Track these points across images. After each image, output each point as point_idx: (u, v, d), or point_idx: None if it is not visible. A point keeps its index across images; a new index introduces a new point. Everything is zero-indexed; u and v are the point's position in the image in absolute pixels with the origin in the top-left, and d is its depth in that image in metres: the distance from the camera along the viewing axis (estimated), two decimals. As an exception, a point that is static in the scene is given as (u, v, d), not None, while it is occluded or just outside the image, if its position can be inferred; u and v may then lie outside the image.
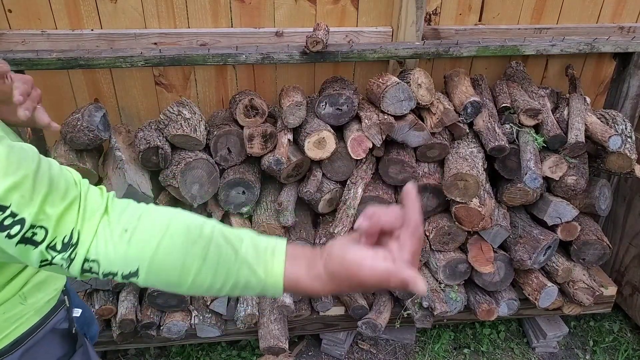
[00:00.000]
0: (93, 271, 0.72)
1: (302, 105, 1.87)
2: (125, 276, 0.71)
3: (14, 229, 0.66)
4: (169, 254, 0.71)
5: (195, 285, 0.72)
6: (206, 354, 2.38)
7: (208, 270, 0.72)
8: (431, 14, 2.14)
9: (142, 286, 0.76)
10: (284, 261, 0.74)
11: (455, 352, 2.45)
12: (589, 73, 2.39)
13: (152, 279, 0.72)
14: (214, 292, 0.75)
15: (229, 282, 0.73)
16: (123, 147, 1.90)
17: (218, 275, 0.73)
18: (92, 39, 1.96)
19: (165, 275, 0.72)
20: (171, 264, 0.71)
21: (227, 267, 0.73)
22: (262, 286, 0.74)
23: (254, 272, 0.73)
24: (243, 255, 0.73)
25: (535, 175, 1.85)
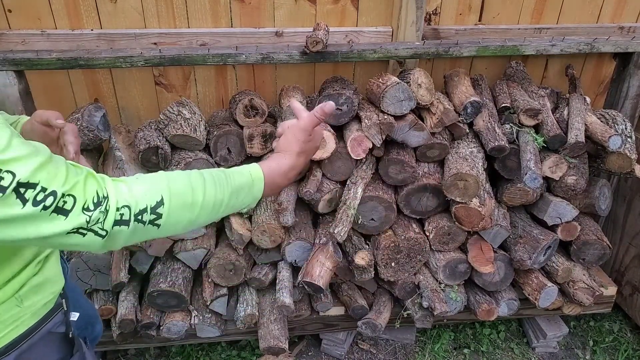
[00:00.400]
0: (124, 219, 0.81)
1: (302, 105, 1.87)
2: (153, 208, 0.84)
3: (48, 200, 0.73)
4: (178, 179, 0.90)
5: (207, 200, 0.90)
6: (206, 354, 2.38)
7: (210, 184, 0.92)
8: (431, 14, 2.14)
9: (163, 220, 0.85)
10: (258, 163, 1.05)
11: (455, 352, 2.45)
12: (589, 73, 2.39)
13: (174, 204, 0.86)
14: (220, 206, 0.94)
15: (228, 190, 0.95)
16: (123, 147, 1.90)
17: (218, 186, 0.93)
18: (92, 39, 1.96)
19: (182, 197, 0.88)
20: (183, 185, 0.89)
21: (221, 179, 0.95)
22: (250, 183, 1.00)
23: (241, 174, 1.00)
24: (229, 170, 0.98)
25: (535, 175, 1.85)
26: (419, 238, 2.00)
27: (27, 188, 0.71)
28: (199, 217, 0.91)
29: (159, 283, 1.93)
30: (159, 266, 2.01)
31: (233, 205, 0.98)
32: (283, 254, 1.98)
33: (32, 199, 0.72)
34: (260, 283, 2.05)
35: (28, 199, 0.72)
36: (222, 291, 2.04)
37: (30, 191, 0.72)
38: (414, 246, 2.01)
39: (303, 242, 1.96)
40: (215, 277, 2.01)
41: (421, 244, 2.01)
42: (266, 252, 2.02)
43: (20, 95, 1.85)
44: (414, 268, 2.07)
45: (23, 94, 1.86)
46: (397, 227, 2.03)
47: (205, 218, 0.93)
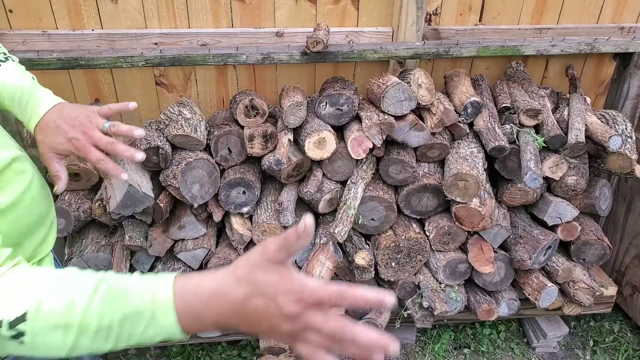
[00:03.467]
0: None
1: (303, 105, 1.88)
2: (11, 324, 0.67)
3: None
4: (58, 293, 0.69)
5: (85, 324, 0.68)
6: (206, 353, 2.38)
7: (95, 306, 0.68)
8: (431, 14, 2.14)
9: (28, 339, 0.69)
10: (173, 280, 0.70)
11: (456, 352, 2.45)
12: (589, 73, 2.39)
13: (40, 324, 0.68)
14: (106, 335, 0.69)
15: (118, 316, 0.68)
16: (123, 147, 1.90)
17: (106, 309, 0.68)
18: (92, 39, 1.96)
19: (54, 317, 0.68)
20: (60, 302, 0.68)
21: (116, 300, 0.69)
22: (151, 314, 0.68)
23: (142, 297, 0.68)
24: (134, 284, 0.70)
25: (535, 175, 1.85)
26: (419, 238, 2.00)
27: None
28: (80, 343, 0.69)
29: (159, 283, 1.93)
30: (160, 266, 2.01)
31: (131, 335, 0.70)
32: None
33: None
34: (260, 283, 2.05)
35: None
36: (223, 291, 2.04)
37: None
38: (414, 246, 2.01)
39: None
40: (216, 277, 2.01)
41: (421, 244, 2.01)
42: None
43: (21, 95, 1.85)
44: (414, 268, 2.07)
45: (24, 94, 1.86)
46: (397, 227, 2.03)
47: (89, 345, 0.69)
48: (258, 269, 0.67)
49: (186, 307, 0.68)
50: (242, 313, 0.67)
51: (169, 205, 1.90)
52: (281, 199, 1.91)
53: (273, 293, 0.65)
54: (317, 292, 0.64)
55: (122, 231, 1.95)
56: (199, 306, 0.68)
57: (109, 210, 1.78)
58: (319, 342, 0.66)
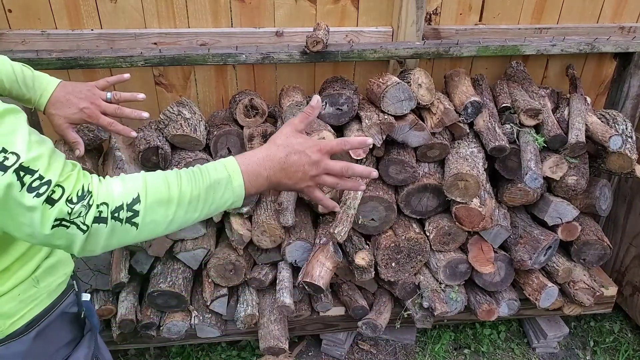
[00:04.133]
0: (102, 216, 0.82)
1: (302, 105, 1.87)
2: (129, 205, 0.83)
3: (42, 189, 0.77)
4: (155, 178, 0.88)
5: (182, 195, 0.88)
6: (206, 354, 2.38)
7: (185, 181, 0.89)
8: (431, 14, 2.14)
9: (140, 218, 0.84)
10: (233, 156, 0.96)
11: (456, 352, 2.45)
12: (590, 73, 2.39)
13: (150, 200, 0.85)
14: (197, 202, 0.90)
15: (204, 185, 0.90)
16: (123, 147, 1.90)
17: (194, 182, 0.89)
18: (92, 39, 1.96)
19: (158, 194, 0.86)
20: (159, 183, 0.87)
21: (197, 175, 0.91)
22: (227, 176, 0.92)
23: (216, 168, 0.93)
24: (204, 166, 0.94)
25: (535, 175, 1.85)
26: (420, 238, 2.00)
27: (26, 173, 0.76)
28: (177, 215, 0.88)
29: (159, 283, 1.93)
30: (159, 266, 2.01)
31: (212, 202, 0.92)
32: (283, 254, 1.98)
33: (28, 185, 0.76)
34: (260, 283, 2.05)
35: (25, 183, 0.76)
36: (222, 291, 2.04)
37: (28, 177, 0.76)
38: (415, 246, 2.00)
39: (303, 242, 1.96)
40: (215, 277, 2.00)
41: (421, 244, 2.01)
42: (266, 252, 2.01)
43: (20, 95, 1.84)
44: (414, 268, 2.06)
45: (23, 94, 1.86)
46: (397, 227, 2.03)
47: (183, 216, 0.89)
48: (290, 136, 1.00)
49: (249, 169, 0.95)
50: (285, 166, 0.97)
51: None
52: (281, 199, 1.91)
53: (302, 148, 0.98)
54: (328, 142, 1.00)
55: (121, 231, 1.94)
56: (258, 168, 0.96)
57: (108, 211, 1.77)
58: (332, 182, 1.01)
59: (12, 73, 1.20)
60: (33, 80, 1.23)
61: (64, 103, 1.26)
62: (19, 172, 0.75)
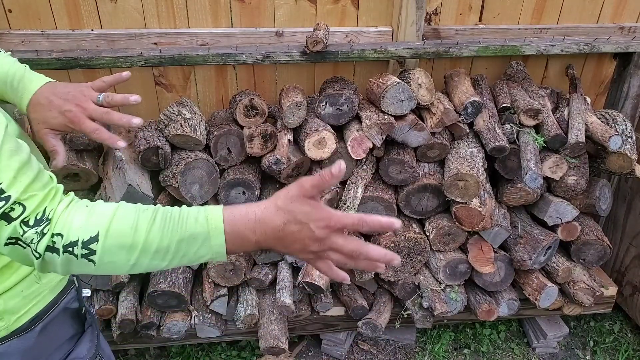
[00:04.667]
0: (55, 247, 0.77)
1: (302, 105, 1.87)
2: (85, 243, 0.77)
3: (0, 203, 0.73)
4: (124, 217, 0.80)
5: (148, 244, 0.79)
6: (206, 354, 2.38)
7: (156, 229, 0.79)
8: (431, 14, 2.14)
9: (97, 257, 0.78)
10: (221, 208, 0.83)
11: (456, 352, 2.45)
12: (590, 73, 2.39)
13: (109, 243, 0.78)
14: (166, 253, 0.80)
15: (176, 237, 0.80)
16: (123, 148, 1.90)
17: (166, 231, 0.80)
18: (92, 39, 1.96)
19: (121, 238, 0.78)
20: (126, 225, 0.79)
21: (172, 224, 0.80)
22: (206, 232, 0.80)
23: (197, 220, 0.81)
24: (186, 213, 0.82)
25: (535, 175, 1.85)
26: (419, 238, 2.00)
27: None
28: (140, 261, 0.80)
29: (159, 283, 1.93)
30: (159, 266, 2.01)
31: (184, 255, 0.82)
32: (283, 254, 1.98)
33: None
34: (260, 283, 2.05)
35: None
36: (222, 291, 2.04)
37: None
38: (414, 246, 2.00)
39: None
40: (216, 277, 2.01)
41: (421, 244, 2.01)
42: (266, 252, 2.01)
43: (20, 95, 1.85)
44: (414, 268, 2.07)
45: (23, 94, 1.86)
46: (397, 227, 2.03)
47: (147, 263, 0.81)
48: (294, 200, 0.82)
49: (234, 230, 0.81)
50: (280, 236, 0.81)
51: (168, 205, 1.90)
52: (281, 199, 1.91)
53: (306, 220, 0.80)
54: (342, 219, 0.81)
55: (121, 231, 1.94)
56: (246, 230, 0.81)
57: (108, 211, 1.77)
58: (338, 260, 0.83)
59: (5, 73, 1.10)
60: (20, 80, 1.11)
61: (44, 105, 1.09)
62: None
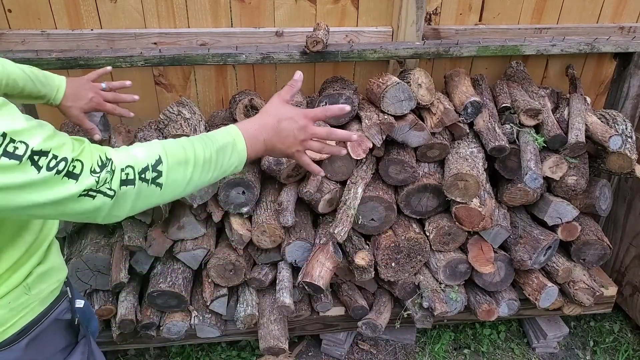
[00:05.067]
0: (129, 178, 0.87)
1: (302, 105, 1.87)
2: (154, 166, 0.90)
3: (60, 166, 0.79)
4: (170, 142, 0.97)
5: (197, 157, 0.97)
6: (206, 354, 2.38)
7: (198, 144, 0.99)
8: (431, 14, 2.14)
9: (164, 179, 0.92)
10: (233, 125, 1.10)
11: (456, 352, 2.45)
12: (590, 73, 2.39)
13: (171, 161, 0.93)
14: (210, 163, 0.99)
15: (214, 147, 1.01)
16: (123, 147, 1.90)
17: (205, 145, 0.99)
18: (91, 39, 1.96)
19: (177, 155, 0.94)
20: (175, 145, 0.96)
21: (206, 139, 1.01)
22: (232, 140, 1.05)
23: (221, 133, 1.05)
24: (211, 132, 1.06)
25: (535, 175, 1.85)
26: (419, 238, 2.00)
27: (40, 156, 0.77)
28: (194, 175, 0.97)
29: (159, 283, 1.93)
30: (159, 266, 2.01)
31: (222, 164, 1.02)
32: (283, 254, 1.98)
33: (46, 165, 0.78)
34: (260, 283, 2.05)
35: (42, 165, 0.77)
36: (222, 291, 2.04)
37: (44, 158, 0.78)
38: (414, 246, 2.00)
39: (303, 242, 1.96)
40: (215, 277, 2.00)
41: (421, 244, 2.01)
42: (266, 252, 2.01)
43: (20, 95, 1.85)
44: (414, 268, 2.07)
45: (23, 94, 1.86)
46: (397, 227, 2.03)
47: (199, 176, 0.98)
48: (278, 106, 1.15)
49: (249, 134, 1.08)
50: (277, 130, 1.11)
51: (168, 205, 1.90)
52: (281, 199, 1.91)
53: (291, 115, 1.13)
54: (313, 110, 1.17)
55: (121, 231, 1.95)
56: (255, 132, 1.09)
57: (108, 211, 1.77)
58: (318, 147, 1.17)
59: (24, 73, 1.31)
60: (45, 77, 1.38)
61: (76, 96, 1.47)
62: (33, 157, 0.77)
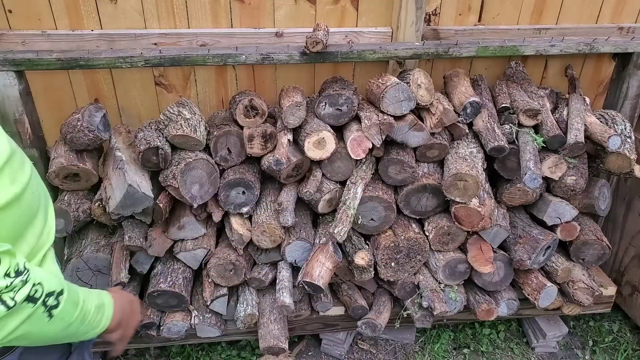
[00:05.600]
0: (35, 296, 0.86)
1: (302, 105, 1.88)
2: (58, 294, 0.92)
3: None
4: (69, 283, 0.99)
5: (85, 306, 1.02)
6: (206, 354, 2.38)
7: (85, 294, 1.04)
8: (431, 15, 2.14)
9: (58, 310, 0.93)
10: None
11: (455, 352, 2.45)
12: (589, 73, 2.39)
13: (69, 297, 0.95)
14: (87, 315, 1.02)
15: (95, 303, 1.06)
16: (123, 148, 1.90)
17: (88, 298, 1.05)
18: (92, 40, 1.96)
19: (74, 295, 0.97)
20: (73, 287, 1.00)
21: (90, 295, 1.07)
22: (106, 304, 1.12)
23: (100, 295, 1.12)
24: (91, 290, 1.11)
25: (534, 175, 1.86)
26: (419, 238, 2.00)
27: None
28: (76, 320, 0.98)
29: (159, 283, 1.94)
30: (159, 266, 2.01)
31: (92, 322, 1.04)
32: (283, 254, 1.98)
33: None
34: (260, 283, 2.05)
35: None
36: (222, 291, 2.05)
37: None
38: (414, 246, 2.01)
39: (303, 242, 1.96)
40: (216, 277, 2.01)
41: (421, 244, 2.01)
42: (266, 252, 2.02)
43: (20, 96, 1.85)
44: (413, 268, 2.07)
45: (23, 95, 1.87)
46: (396, 227, 2.04)
47: (78, 324, 1.00)
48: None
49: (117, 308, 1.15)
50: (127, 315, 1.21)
51: (168, 205, 1.90)
52: (281, 199, 1.91)
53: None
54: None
55: (121, 231, 1.95)
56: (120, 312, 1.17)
57: (108, 211, 1.78)
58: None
59: None
60: None
61: None
62: None
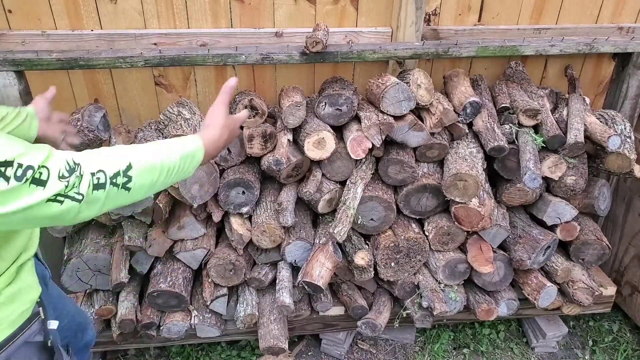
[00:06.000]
0: (100, 182, 0.90)
1: (302, 105, 1.88)
2: (124, 171, 0.94)
3: (28, 174, 0.81)
4: (140, 148, 1.01)
5: (162, 163, 1.02)
6: (206, 354, 2.38)
7: (166, 150, 1.04)
8: (430, 15, 2.14)
9: (133, 183, 0.96)
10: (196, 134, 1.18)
11: (455, 352, 2.45)
12: (588, 73, 2.39)
13: (141, 167, 0.97)
14: (173, 170, 1.05)
15: (179, 156, 1.06)
16: (123, 148, 1.90)
17: (172, 152, 1.05)
18: (92, 40, 1.96)
19: (145, 162, 0.98)
20: (144, 152, 1.00)
21: (174, 146, 1.07)
22: (193, 152, 1.11)
23: (186, 143, 1.11)
24: (177, 139, 1.11)
25: (534, 175, 1.86)
26: (419, 238, 2.00)
27: (6, 167, 0.80)
28: (159, 179, 1.01)
29: (159, 283, 1.94)
30: (159, 266, 2.01)
31: (180, 171, 1.07)
32: (283, 254, 1.99)
33: (13, 175, 0.80)
34: (260, 283, 2.05)
35: (9, 176, 0.79)
36: (222, 291, 2.05)
37: (10, 169, 0.80)
38: (414, 246, 2.01)
39: (303, 242, 1.96)
40: (215, 277, 2.01)
41: (421, 244, 2.01)
42: (266, 252, 2.02)
43: (20, 96, 1.85)
44: (413, 268, 2.07)
45: (23, 95, 1.87)
46: (396, 227, 2.04)
47: (163, 180, 1.03)
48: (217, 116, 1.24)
49: (207, 148, 1.15)
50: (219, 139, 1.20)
51: (168, 205, 1.90)
52: (281, 199, 1.91)
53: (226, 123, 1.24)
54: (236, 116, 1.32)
55: (121, 231, 1.95)
56: (211, 148, 1.17)
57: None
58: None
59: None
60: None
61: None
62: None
